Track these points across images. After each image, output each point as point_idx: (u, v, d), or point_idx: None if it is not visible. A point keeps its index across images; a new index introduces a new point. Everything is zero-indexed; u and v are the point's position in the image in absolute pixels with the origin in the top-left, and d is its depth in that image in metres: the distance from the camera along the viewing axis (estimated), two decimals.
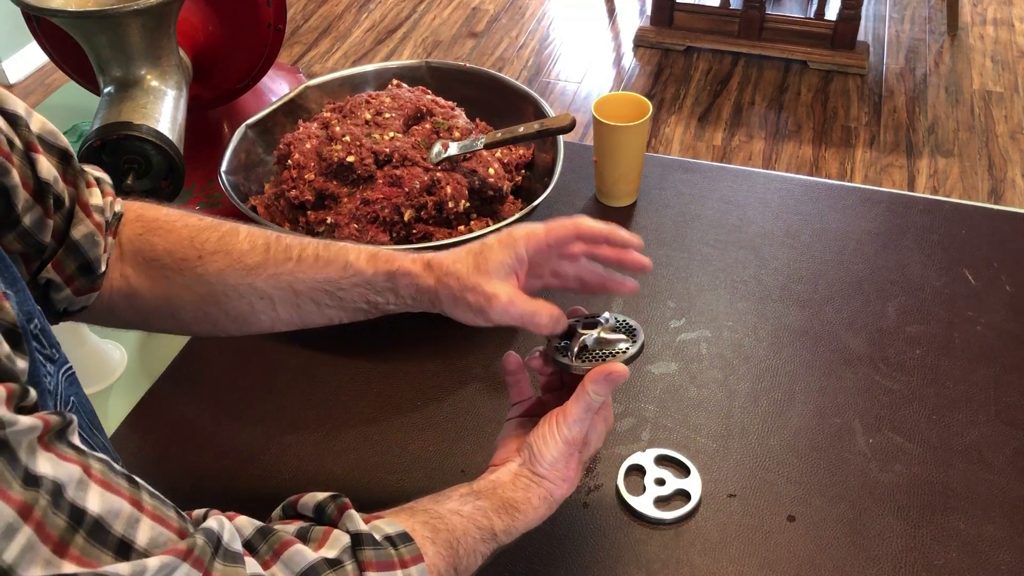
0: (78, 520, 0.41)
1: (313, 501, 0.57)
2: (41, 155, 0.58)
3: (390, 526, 0.56)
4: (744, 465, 0.83)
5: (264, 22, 1.03)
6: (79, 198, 0.63)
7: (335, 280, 0.67)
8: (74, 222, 0.63)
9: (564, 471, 0.65)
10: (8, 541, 0.38)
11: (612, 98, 1.10)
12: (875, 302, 0.99)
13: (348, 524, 0.55)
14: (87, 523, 0.41)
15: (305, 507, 0.57)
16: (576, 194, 1.15)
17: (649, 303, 1.00)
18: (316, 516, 0.57)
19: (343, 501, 0.56)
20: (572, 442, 0.64)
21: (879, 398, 0.89)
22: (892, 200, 1.13)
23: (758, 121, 2.74)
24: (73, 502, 0.41)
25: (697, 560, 0.76)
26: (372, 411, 0.89)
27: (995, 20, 3.15)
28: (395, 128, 0.99)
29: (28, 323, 0.50)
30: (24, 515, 0.39)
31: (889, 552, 0.76)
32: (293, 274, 0.67)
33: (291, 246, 0.68)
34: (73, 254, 0.63)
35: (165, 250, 0.68)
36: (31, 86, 2.98)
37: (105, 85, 0.91)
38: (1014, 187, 2.47)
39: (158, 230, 0.69)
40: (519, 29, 3.20)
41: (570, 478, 0.65)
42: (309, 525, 0.56)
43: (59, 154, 0.61)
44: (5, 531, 0.38)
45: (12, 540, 0.38)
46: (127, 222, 0.69)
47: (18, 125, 0.56)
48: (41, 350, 0.52)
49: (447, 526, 0.59)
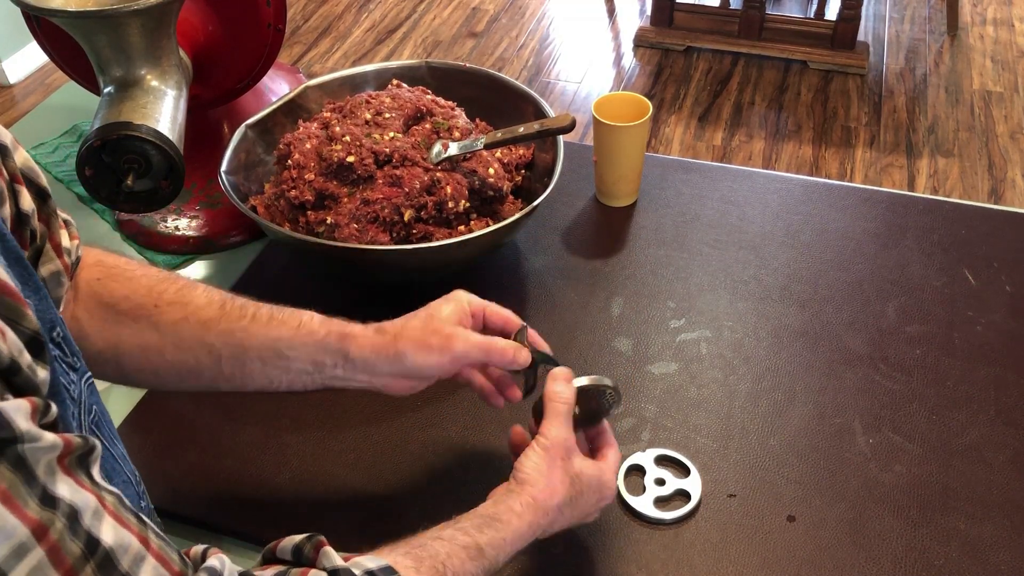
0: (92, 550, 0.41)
1: (291, 544, 0.56)
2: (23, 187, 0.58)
3: (371, 561, 0.55)
4: (744, 465, 0.83)
5: (264, 22, 1.03)
6: (51, 238, 0.63)
7: (286, 339, 0.69)
8: (42, 260, 0.63)
9: (547, 476, 0.66)
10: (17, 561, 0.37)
11: (612, 98, 1.10)
12: (875, 302, 0.99)
13: (325, 562, 0.54)
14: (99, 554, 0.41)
15: (283, 551, 0.57)
16: (576, 194, 1.15)
17: (649, 303, 1.00)
18: (294, 559, 0.56)
19: (318, 539, 0.56)
20: (550, 448, 0.67)
21: (879, 398, 0.89)
22: (892, 200, 1.13)
23: (758, 121, 2.74)
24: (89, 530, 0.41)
25: (697, 560, 0.76)
26: (372, 411, 0.89)
27: (995, 20, 3.15)
28: (395, 128, 0.99)
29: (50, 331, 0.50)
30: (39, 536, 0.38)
31: (889, 552, 0.76)
32: (246, 331, 0.69)
33: (246, 305, 0.71)
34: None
35: (123, 296, 0.69)
36: (31, 86, 2.98)
37: (105, 85, 0.91)
38: (1014, 187, 2.47)
39: (118, 276, 0.70)
40: (519, 29, 3.20)
41: (554, 483, 0.66)
42: (286, 568, 0.55)
43: (36, 191, 0.61)
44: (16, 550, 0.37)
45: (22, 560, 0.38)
46: (85, 266, 0.70)
47: (5, 156, 0.56)
48: (64, 358, 0.52)
49: (430, 553, 0.59)
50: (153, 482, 0.82)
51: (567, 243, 1.08)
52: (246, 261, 1.07)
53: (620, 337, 0.96)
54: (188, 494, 0.82)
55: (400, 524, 0.79)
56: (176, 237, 1.09)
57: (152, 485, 0.82)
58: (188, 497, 0.82)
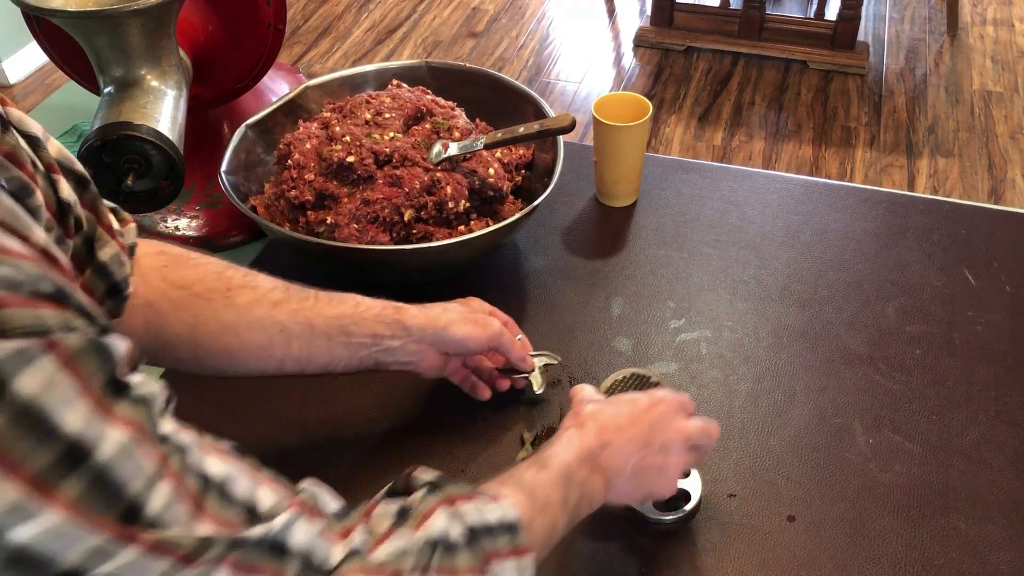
0: (206, 482, 0.42)
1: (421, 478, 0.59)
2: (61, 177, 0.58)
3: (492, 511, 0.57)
4: (744, 465, 0.83)
5: (264, 22, 1.03)
6: (101, 221, 0.64)
7: (348, 315, 0.74)
8: (98, 244, 0.64)
9: (577, 408, 0.71)
10: (150, 493, 0.39)
11: (612, 98, 1.10)
12: (875, 302, 0.99)
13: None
14: (214, 486, 0.43)
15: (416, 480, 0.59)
16: (576, 194, 1.15)
17: (649, 303, 1.00)
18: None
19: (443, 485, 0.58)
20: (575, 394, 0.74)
21: (879, 398, 0.89)
22: (892, 200, 1.13)
23: (758, 121, 2.74)
24: (199, 465, 0.42)
25: (697, 560, 0.76)
26: (372, 411, 0.89)
27: (995, 20, 3.15)
28: (395, 128, 0.99)
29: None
30: (162, 470, 0.40)
31: (889, 552, 0.76)
32: (312, 310, 0.74)
33: (304, 288, 0.75)
34: (102, 275, 0.64)
35: (195, 279, 0.72)
36: (31, 86, 2.98)
37: (105, 85, 0.91)
38: (1014, 187, 2.47)
39: (184, 263, 0.73)
40: (519, 29, 3.20)
41: (581, 410, 0.70)
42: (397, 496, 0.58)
43: (76, 179, 0.61)
44: (147, 482, 0.39)
45: (154, 491, 0.39)
46: (149, 254, 0.71)
47: (38, 147, 0.57)
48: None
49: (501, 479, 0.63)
50: None
51: (567, 243, 1.08)
52: (246, 261, 1.07)
53: (620, 337, 0.96)
54: None
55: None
56: (176, 237, 1.09)
57: None
58: None
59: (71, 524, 0.36)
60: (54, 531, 0.36)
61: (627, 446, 0.68)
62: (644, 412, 0.70)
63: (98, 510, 0.37)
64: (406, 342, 0.76)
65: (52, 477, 0.36)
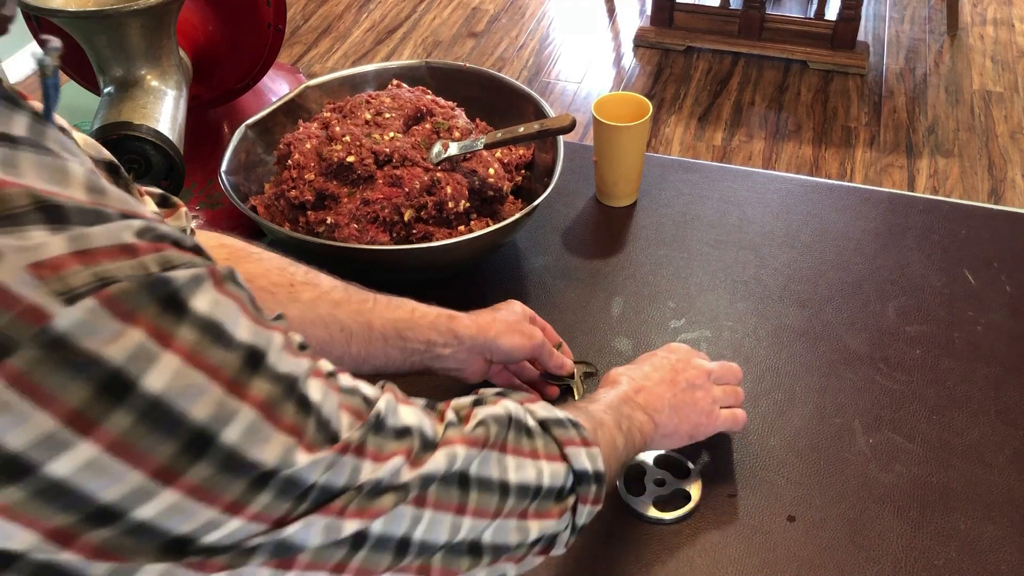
0: (334, 377, 0.47)
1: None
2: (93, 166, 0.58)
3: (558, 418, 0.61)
4: (744, 465, 0.83)
5: (264, 22, 1.03)
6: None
7: (405, 320, 0.76)
8: None
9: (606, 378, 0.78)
10: (309, 387, 0.43)
11: (612, 98, 1.10)
12: (875, 302, 0.99)
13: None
14: (339, 381, 0.47)
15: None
16: (576, 194, 1.15)
17: (649, 303, 1.00)
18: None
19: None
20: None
21: (879, 398, 0.89)
22: (892, 200, 1.13)
23: (758, 121, 2.74)
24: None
25: (697, 560, 0.76)
26: None
27: (995, 20, 3.15)
28: (395, 128, 0.99)
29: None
30: (310, 368, 0.44)
31: (889, 552, 0.76)
32: (372, 312, 0.75)
33: (363, 290, 0.77)
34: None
35: (259, 273, 0.73)
36: (31, 86, 2.98)
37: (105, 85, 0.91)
38: (1014, 187, 2.47)
39: (246, 257, 0.74)
40: (519, 29, 3.20)
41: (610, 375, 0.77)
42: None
43: (107, 166, 0.61)
44: (306, 376, 0.43)
45: (311, 385, 0.43)
46: (211, 247, 0.72)
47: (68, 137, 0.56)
48: None
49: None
50: None
51: (567, 243, 1.08)
52: None
53: (620, 337, 0.96)
54: None
55: None
56: None
57: None
58: None
59: (261, 420, 0.40)
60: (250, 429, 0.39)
61: (658, 387, 0.75)
62: (664, 359, 0.78)
63: (280, 410, 0.41)
64: (457, 350, 0.78)
65: (243, 378, 0.39)
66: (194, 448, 0.38)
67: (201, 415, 0.38)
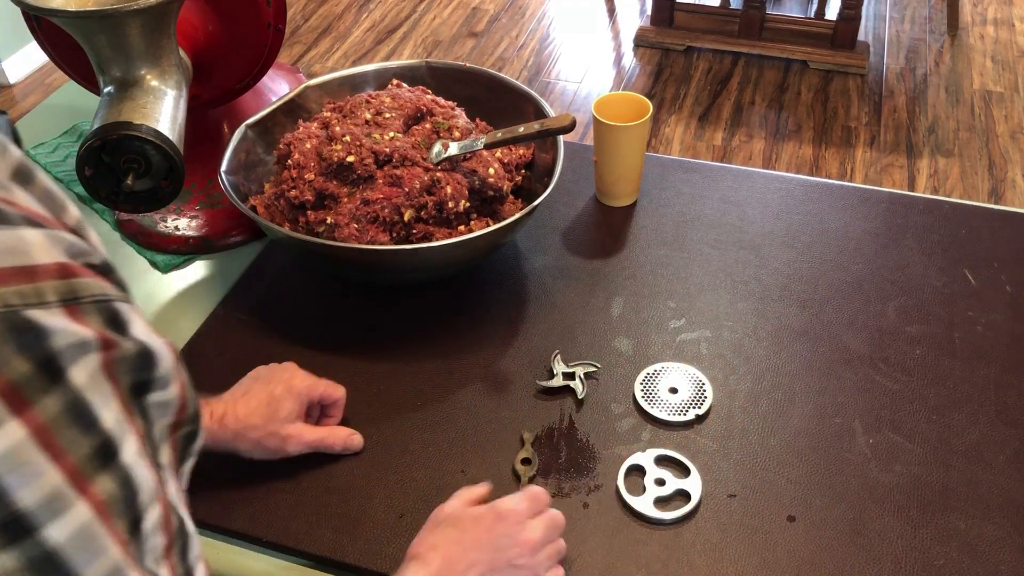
0: (182, 528, 0.45)
1: None
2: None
3: None
4: (744, 465, 0.83)
5: (264, 22, 1.03)
6: None
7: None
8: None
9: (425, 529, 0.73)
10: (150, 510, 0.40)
11: (612, 98, 1.10)
12: (875, 302, 0.99)
13: None
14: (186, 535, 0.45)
15: None
16: (576, 194, 1.15)
17: (649, 303, 1.00)
18: None
19: None
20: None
21: (879, 398, 0.89)
22: (892, 200, 1.13)
23: (758, 121, 2.73)
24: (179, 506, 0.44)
25: (697, 560, 0.76)
26: (372, 411, 0.89)
27: (995, 20, 3.15)
28: (395, 128, 0.99)
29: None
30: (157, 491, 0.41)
31: (889, 552, 0.76)
32: None
33: None
34: None
35: None
36: (31, 86, 2.98)
37: (105, 85, 0.91)
38: (1014, 187, 2.47)
39: None
40: (519, 29, 3.20)
41: (426, 537, 0.71)
42: None
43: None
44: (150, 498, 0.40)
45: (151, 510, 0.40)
46: None
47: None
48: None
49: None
50: None
51: (567, 243, 1.08)
52: (246, 261, 1.07)
53: (620, 337, 0.96)
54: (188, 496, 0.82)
55: (400, 523, 0.79)
56: (176, 237, 1.09)
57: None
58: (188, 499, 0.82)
59: (97, 524, 0.36)
60: (82, 531, 0.35)
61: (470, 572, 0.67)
62: (484, 536, 0.69)
63: (117, 513, 0.37)
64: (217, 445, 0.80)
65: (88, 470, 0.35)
66: (7, 534, 0.33)
67: (28, 500, 0.33)
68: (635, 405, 0.88)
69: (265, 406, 0.80)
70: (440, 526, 0.70)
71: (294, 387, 0.82)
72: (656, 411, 0.87)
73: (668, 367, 0.92)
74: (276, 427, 0.80)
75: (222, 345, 0.96)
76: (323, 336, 0.97)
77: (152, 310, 1.03)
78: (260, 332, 0.98)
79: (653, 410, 0.87)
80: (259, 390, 0.82)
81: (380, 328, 0.98)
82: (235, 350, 0.95)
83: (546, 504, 0.74)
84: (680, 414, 0.87)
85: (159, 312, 1.02)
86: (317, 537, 0.78)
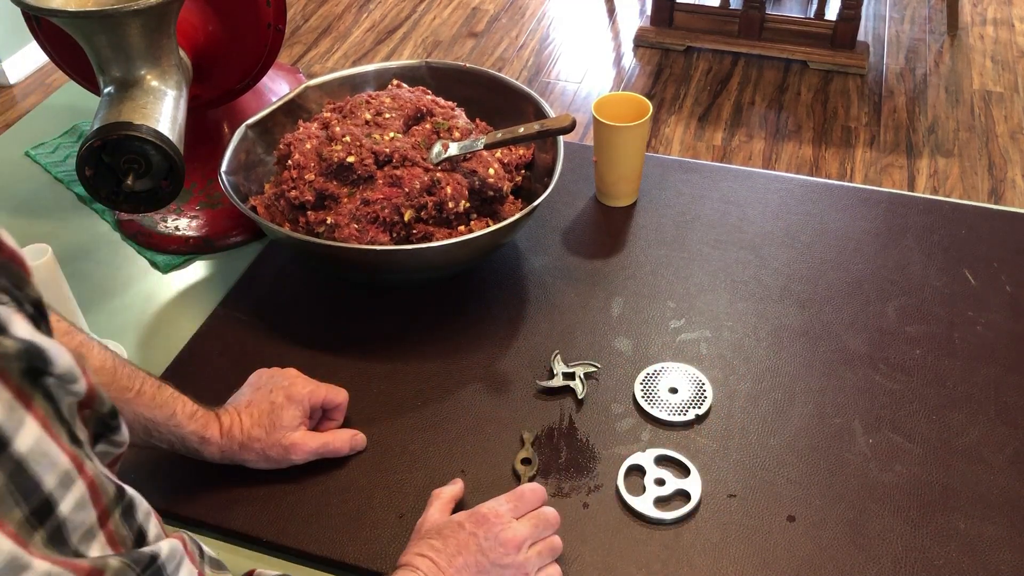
0: (121, 494, 0.44)
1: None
2: None
3: None
4: (744, 465, 0.83)
5: (264, 22, 1.03)
6: None
7: (159, 423, 0.77)
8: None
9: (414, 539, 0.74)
10: (65, 491, 0.40)
11: (612, 98, 1.10)
12: (875, 302, 0.99)
13: None
14: (125, 501, 0.44)
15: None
16: (576, 194, 1.15)
17: (649, 303, 1.00)
18: None
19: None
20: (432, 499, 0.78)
21: (879, 398, 0.89)
22: (892, 200, 1.13)
23: (758, 121, 2.74)
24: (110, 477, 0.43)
25: (697, 560, 0.76)
26: (372, 411, 0.89)
27: (995, 20, 3.15)
28: (395, 128, 0.99)
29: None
30: (79, 469, 0.41)
31: (889, 552, 0.76)
32: (128, 403, 0.75)
33: (134, 376, 0.76)
34: None
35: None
36: (31, 86, 2.98)
37: (105, 85, 0.91)
38: (1014, 187, 2.47)
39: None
40: (519, 29, 3.20)
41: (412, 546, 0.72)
42: None
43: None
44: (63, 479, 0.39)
45: (68, 490, 0.40)
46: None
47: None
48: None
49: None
50: (153, 484, 0.83)
51: (567, 243, 1.08)
52: (246, 261, 1.07)
53: (620, 337, 0.96)
54: (184, 494, 0.82)
55: (400, 523, 0.79)
56: (176, 237, 1.09)
57: (152, 486, 0.82)
58: (184, 497, 0.82)
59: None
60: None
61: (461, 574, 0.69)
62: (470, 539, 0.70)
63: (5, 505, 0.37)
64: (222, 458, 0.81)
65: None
66: None
67: None
68: (635, 405, 0.88)
69: (267, 416, 0.81)
70: (424, 538, 0.71)
71: (294, 395, 0.82)
72: (656, 411, 0.87)
73: (668, 367, 0.92)
74: (279, 437, 0.80)
75: (222, 345, 0.96)
76: (323, 336, 0.97)
77: (152, 310, 1.03)
78: (260, 332, 0.98)
79: (653, 410, 0.87)
80: (260, 400, 0.82)
81: (380, 328, 0.98)
82: (235, 350, 0.95)
83: (536, 502, 0.74)
84: (680, 414, 0.87)
85: (159, 312, 1.02)
86: (317, 537, 0.78)
